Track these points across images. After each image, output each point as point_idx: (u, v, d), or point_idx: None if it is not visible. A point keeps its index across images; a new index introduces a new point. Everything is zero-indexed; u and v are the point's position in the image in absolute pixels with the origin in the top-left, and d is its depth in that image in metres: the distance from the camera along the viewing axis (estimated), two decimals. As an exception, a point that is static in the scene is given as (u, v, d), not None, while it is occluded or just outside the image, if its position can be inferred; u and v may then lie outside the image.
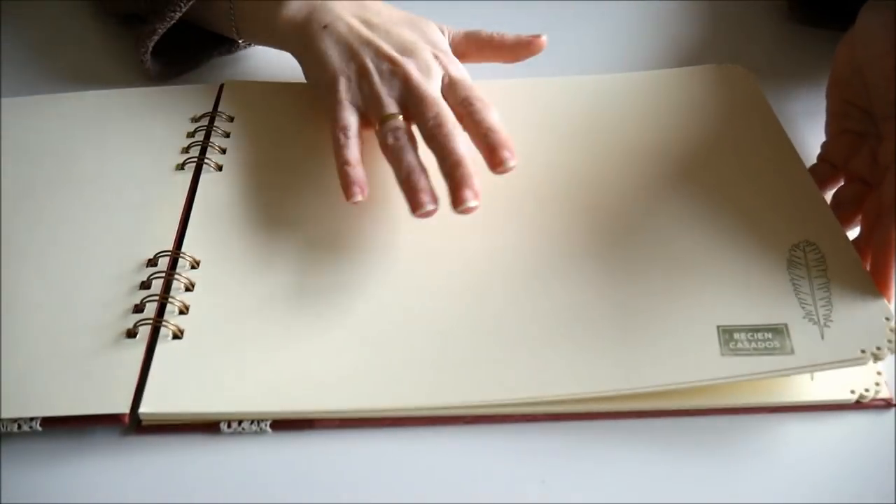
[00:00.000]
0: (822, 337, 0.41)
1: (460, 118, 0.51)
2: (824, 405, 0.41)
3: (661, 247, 0.47)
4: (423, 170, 0.48)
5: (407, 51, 0.54)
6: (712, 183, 0.50)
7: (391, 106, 0.52)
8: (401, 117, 0.51)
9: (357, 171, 0.49)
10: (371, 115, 0.52)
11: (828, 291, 0.43)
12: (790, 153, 0.52)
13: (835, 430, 0.41)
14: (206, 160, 0.53)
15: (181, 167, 0.53)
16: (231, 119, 0.57)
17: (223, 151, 0.54)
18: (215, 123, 0.56)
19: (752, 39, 0.66)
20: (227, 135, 0.56)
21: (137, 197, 0.51)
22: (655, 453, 0.40)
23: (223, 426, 0.41)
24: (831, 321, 0.42)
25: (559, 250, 0.47)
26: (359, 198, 0.49)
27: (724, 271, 0.45)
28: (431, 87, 0.52)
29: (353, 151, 0.50)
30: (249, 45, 0.64)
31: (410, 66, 0.53)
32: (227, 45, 0.64)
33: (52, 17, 0.69)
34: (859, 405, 0.41)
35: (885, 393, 0.41)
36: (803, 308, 0.43)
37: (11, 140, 0.56)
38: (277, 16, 0.57)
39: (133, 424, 0.41)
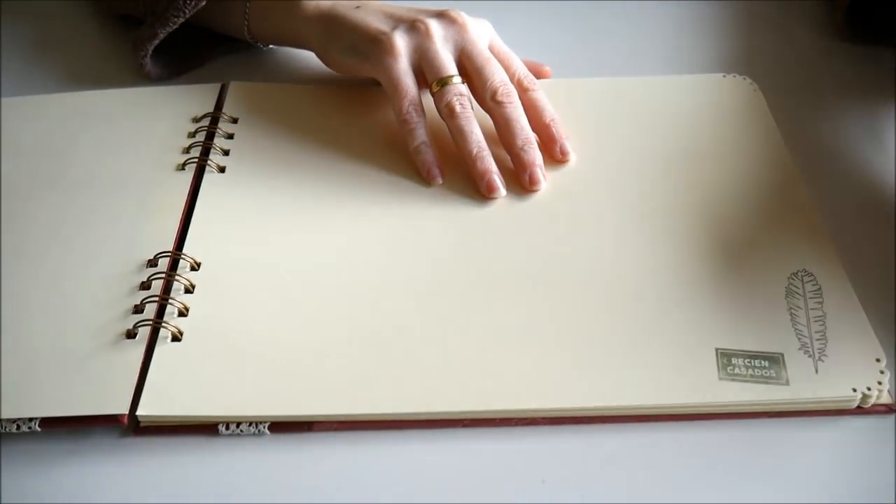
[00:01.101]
0: (816, 371, 0.41)
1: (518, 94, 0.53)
2: (825, 410, 0.41)
3: (662, 262, 0.47)
4: (487, 146, 0.51)
5: (453, 10, 0.54)
6: (712, 200, 0.50)
7: (451, 66, 0.52)
8: (461, 80, 0.52)
9: (432, 151, 0.52)
10: (427, 72, 0.53)
11: (823, 325, 0.43)
12: (793, 175, 0.51)
13: (836, 435, 0.41)
14: (208, 161, 0.53)
15: (182, 167, 0.53)
16: (234, 121, 0.57)
17: (226, 153, 0.54)
18: (218, 125, 0.56)
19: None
20: (231, 136, 0.55)
21: (137, 197, 0.51)
22: (655, 455, 0.40)
23: (221, 428, 0.41)
24: (825, 356, 0.42)
25: (560, 262, 0.47)
26: (439, 180, 0.51)
27: (725, 294, 0.45)
28: (487, 48, 0.54)
29: (426, 130, 0.52)
30: (256, 43, 0.63)
31: (465, 15, 0.54)
32: (227, 44, 0.63)
33: (51, 16, 0.69)
34: (860, 410, 0.41)
35: (886, 398, 0.41)
36: (799, 339, 0.43)
37: (11, 140, 0.55)
38: (299, 7, 0.56)
39: (132, 425, 0.41)
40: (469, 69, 0.53)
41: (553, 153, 0.53)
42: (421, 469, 0.40)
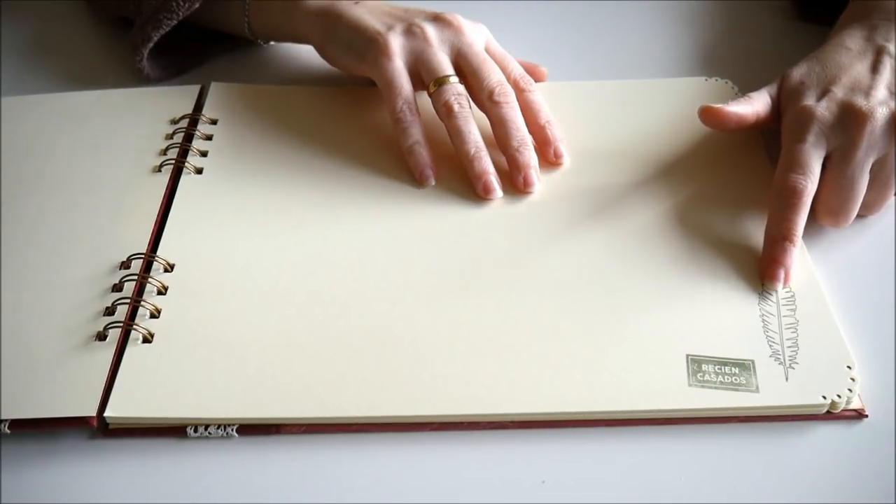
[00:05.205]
0: (787, 378, 0.41)
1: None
2: (794, 416, 0.41)
3: (638, 267, 0.47)
4: (485, 146, 0.51)
5: (448, 13, 0.55)
6: (692, 205, 0.50)
7: (447, 66, 0.52)
8: (459, 80, 0.52)
9: (427, 151, 0.51)
10: (423, 73, 0.52)
11: (795, 332, 0.43)
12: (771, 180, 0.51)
13: (805, 439, 0.40)
14: (185, 163, 0.53)
15: (158, 169, 0.53)
16: (214, 122, 0.57)
17: (204, 154, 0.54)
18: (196, 126, 0.56)
19: (757, 38, 0.65)
20: (209, 137, 0.55)
21: (113, 199, 0.51)
22: (642, 457, 0.40)
23: (189, 431, 0.41)
24: (796, 363, 0.42)
25: (537, 266, 0.47)
26: (432, 181, 0.51)
27: (699, 299, 0.45)
28: (483, 50, 0.54)
29: (420, 129, 0.51)
30: (256, 40, 0.63)
31: (460, 19, 0.54)
32: (227, 42, 0.63)
33: (51, 17, 0.69)
34: (830, 416, 0.41)
35: (856, 403, 0.41)
36: (770, 346, 0.43)
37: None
38: (299, 2, 0.56)
39: (101, 428, 0.41)
40: (465, 70, 0.53)
41: (547, 156, 0.53)
42: (391, 472, 0.40)
